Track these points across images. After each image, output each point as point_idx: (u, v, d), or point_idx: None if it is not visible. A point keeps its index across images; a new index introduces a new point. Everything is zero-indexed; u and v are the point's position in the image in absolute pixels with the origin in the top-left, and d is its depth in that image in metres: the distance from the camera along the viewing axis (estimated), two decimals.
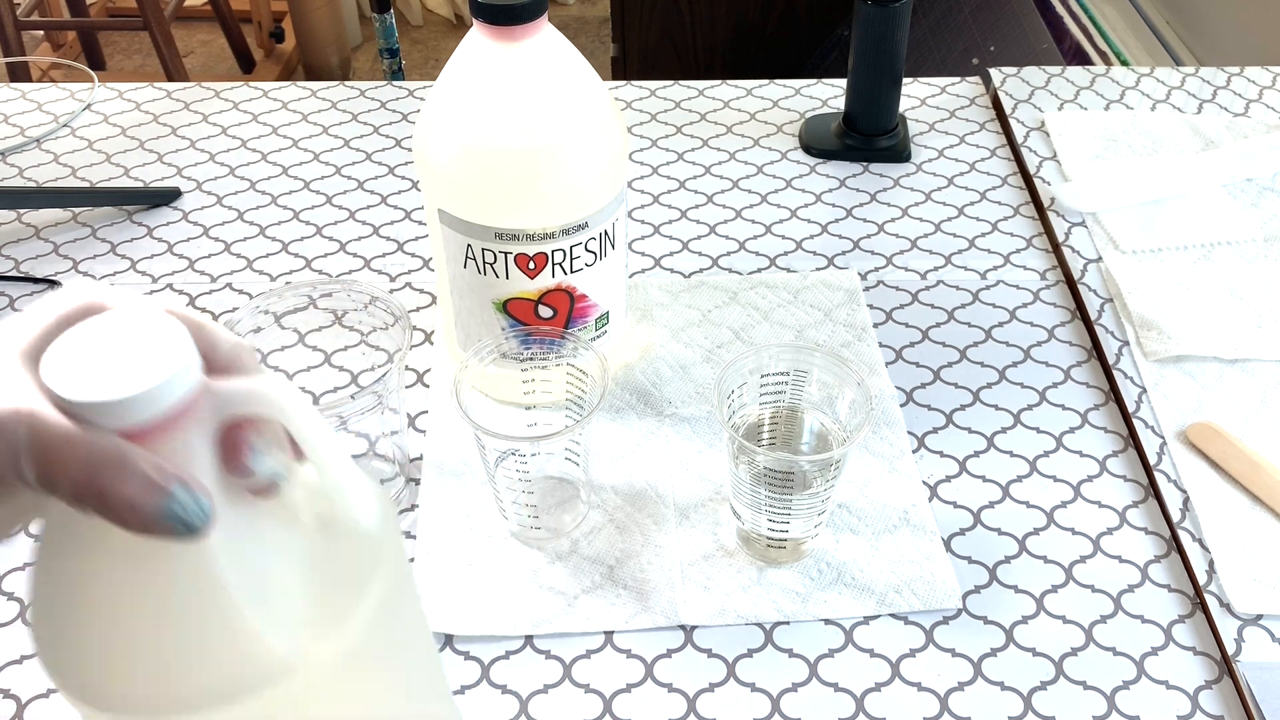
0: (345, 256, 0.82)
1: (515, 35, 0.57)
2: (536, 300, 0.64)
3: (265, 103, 0.97)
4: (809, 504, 0.58)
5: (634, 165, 0.90)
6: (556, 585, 0.60)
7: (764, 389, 0.60)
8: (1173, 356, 0.72)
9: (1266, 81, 0.98)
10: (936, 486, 0.65)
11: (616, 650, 0.57)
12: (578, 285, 0.64)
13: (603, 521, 0.63)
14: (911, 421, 0.69)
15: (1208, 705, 0.55)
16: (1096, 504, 0.64)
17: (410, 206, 0.86)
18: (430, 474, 0.65)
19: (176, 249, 0.82)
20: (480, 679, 0.56)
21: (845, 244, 0.82)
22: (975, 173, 0.89)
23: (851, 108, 0.90)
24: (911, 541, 0.62)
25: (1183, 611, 0.59)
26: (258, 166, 0.90)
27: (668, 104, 0.97)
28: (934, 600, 0.59)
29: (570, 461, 0.61)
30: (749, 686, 0.56)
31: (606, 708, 0.55)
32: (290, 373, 0.70)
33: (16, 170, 0.90)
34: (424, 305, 0.77)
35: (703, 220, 0.85)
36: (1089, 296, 0.77)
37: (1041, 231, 0.83)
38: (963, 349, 0.74)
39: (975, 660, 0.57)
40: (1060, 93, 0.96)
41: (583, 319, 0.66)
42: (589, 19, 2.89)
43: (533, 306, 0.64)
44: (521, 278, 0.63)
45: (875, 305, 0.77)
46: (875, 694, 0.55)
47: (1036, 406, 0.70)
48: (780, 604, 0.59)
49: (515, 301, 0.64)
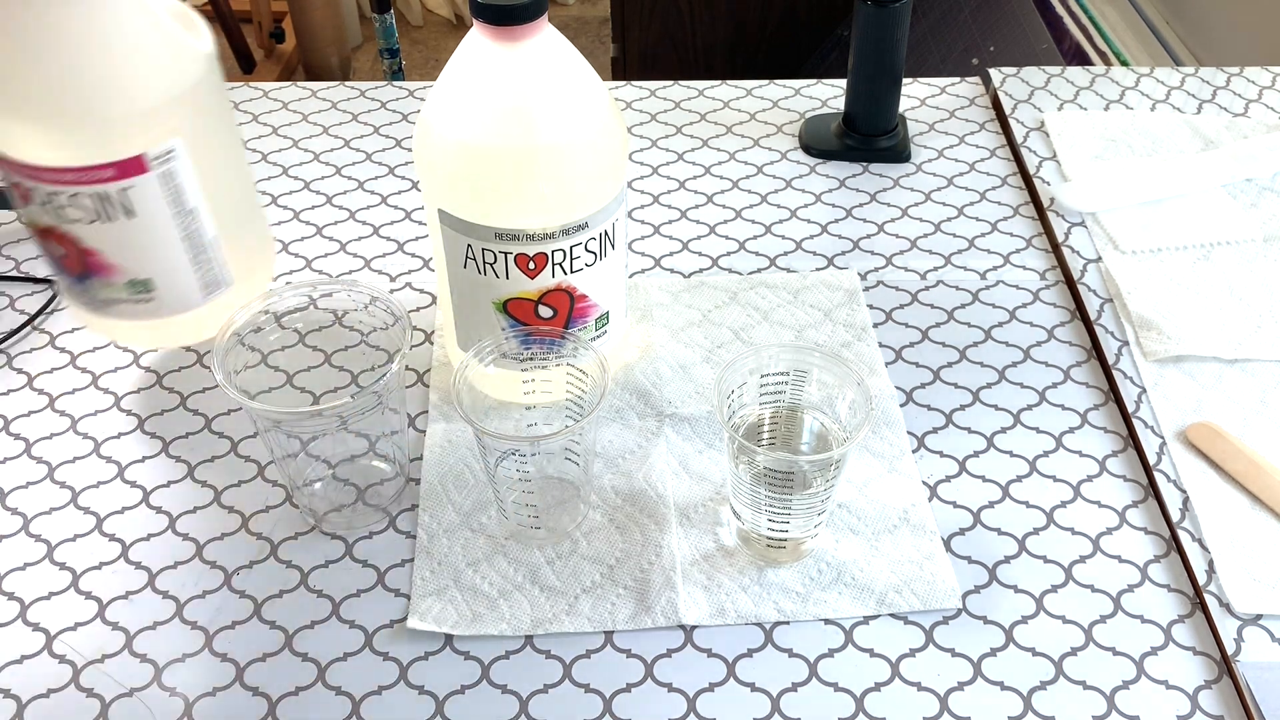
0: (345, 256, 0.82)
1: (515, 35, 0.57)
2: (537, 300, 0.64)
3: (265, 103, 0.97)
4: (809, 504, 0.58)
5: (634, 165, 0.90)
6: (556, 585, 0.60)
7: (764, 389, 0.60)
8: (1172, 356, 0.72)
9: (1266, 81, 0.98)
10: (936, 486, 0.65)
11: (616, 650, 0.57)
12: (578, 285, 0.64)
13: (603, 521, 0.63)
14: (911, 421, 0.69)
15: (1207, 705, 0.55)
16: (1096, 504, 0.64)
17: (410, 206, 0.86)
18: (430, 474, 0.65)
19: None
20: (480, 679, 0.56)
21: (845, 244, 0.82)
22: (975, 173, 0.89)
23: (851, 108, 0.90)
24: (911, 541, 0.62)
25: (1182, 611, 0.59)
26: (258, 167, 0.90)
27: (668, 104, 0.97)
28: (934, 600, 0.59)
29: (570, 461, 0.61)
30: (749, 686, 0.56)
31: (606, 708, 0.55)
32: (290, 373, 0.70)
33: None
34: (424, 305, 0.77)
35: (703, 220, 0.85)
36: (1089, 296, 0.77)
37: (1041, 231, 0.83)
38: (962, 349, 0.74)
39: (975, 660, 0.57)
40: (1060, 93, 0.96)
41: (583, 319, 0.66)
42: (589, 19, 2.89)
43: (533, 307, 0.64)
44: (521, 278, 0.63)
45: (875, 305, 0.77)
46: (875, 694, 0.55)
47: (1036, 406, 0.70)
48: (780, 604, 0.59)
49: (515, 301, 0.64)
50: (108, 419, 0.69)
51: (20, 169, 0.58)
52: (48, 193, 0.59)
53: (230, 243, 0.66)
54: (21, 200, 0.61)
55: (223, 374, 0.57)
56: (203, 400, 0.70)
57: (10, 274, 0.80)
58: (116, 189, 0.59)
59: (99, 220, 0.60)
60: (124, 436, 0.68)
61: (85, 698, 0.55)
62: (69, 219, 0.60)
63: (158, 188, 0.60)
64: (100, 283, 0.63)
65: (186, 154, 0.61)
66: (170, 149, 0.60)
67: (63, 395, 0.71)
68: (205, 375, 0.72)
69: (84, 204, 0.59)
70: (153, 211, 0.61)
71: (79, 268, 0.63)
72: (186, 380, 0.72)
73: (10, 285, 0.79)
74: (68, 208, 0.59)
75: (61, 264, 0.63)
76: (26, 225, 0.62)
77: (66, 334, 0.75)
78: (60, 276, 0.65)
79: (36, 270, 0.80)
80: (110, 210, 0.60)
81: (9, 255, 0.81)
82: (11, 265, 0.80)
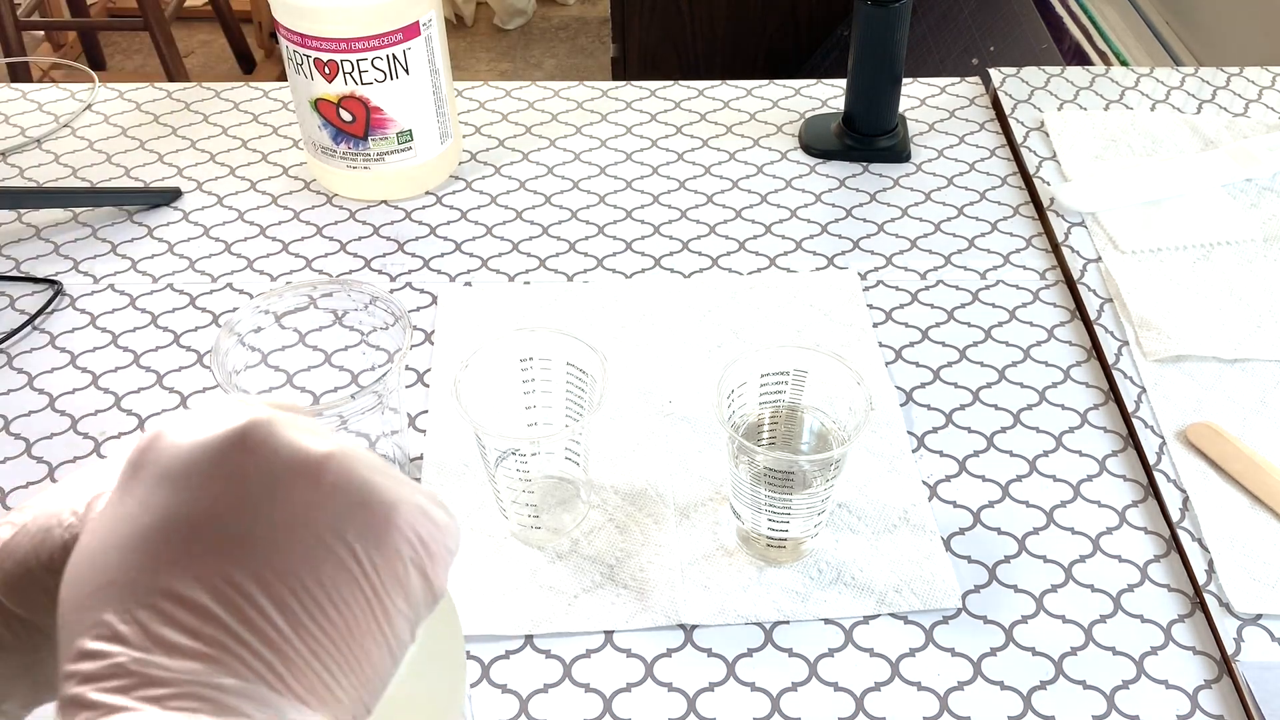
0: (345, 256, 0.82)
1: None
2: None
3: (265, 103, 0.97)
4: (809, 504, 0.58)
5: (634, 165, 0.90)
6: (556, 585, 0.60)
7: (764, 389, 0.60)
8: (1172, 356, 0.72)
9: (1266, 81, 0.98)
10: (936, 486, 0.65)
11: (616, 650, 0.57)
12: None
13: (603, 521, 0.63)
14: (911, 421, 0.69)
15: (1207, 705, 0.55)
16: (1096, 504, 0.64)
17: (411, 207, 0.86)
18: (430, 474, 0.65)
19: (177, 249, 0.82)
20: (480, 678, 0.56)
21: (845, 244, 0.82)
22: (975, 173, 0.89)
23: (851, 108, 0.90)
24: (911, 541, 0.62)
25: (1182, 611, 0.59)
26: (258, 167, 0.90)
27: (668, 104, 0.97)
28: (934, 600, 0.59)
29: (570, 461, 0.61)
30: (749, 686, 0.56)
31: (606, 707, 0.55)
32: (290, 373, 0.70)
33: (17, 170, 0.90)
34: (424, 305, 0.77)
35: (703, 220, 0.85)
36: (1088, 296, 0.77)
37: (1041, 231, 0.83)
38: (962, 349, 0.74)
39: (975, 660, 0.57)
40: (1060, 93, 0.96)
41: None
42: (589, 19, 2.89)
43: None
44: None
45: (875, 305, 0.77)
46: (875, 693, 0.55)
47: (1036, 406, 0.70)
48: (780, 603, 0.59)
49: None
50: (108, 418, 0.69)
51: (337, 43, 0.78)
52: (356, 60, 0.78)
53: (450, 106, 0.87)
54: (328, 77, 0.79)
55: (223, 374, 0.57)
56: (203, 400, 0.70)
57: (10, 274, 0.80)
58: (402, 49, 0.79)
59: (386, 80, 0.80)
60: (124, 436, 0.68)
61: None
62: (365, 82, 0.80)
63: (424, 48, 0.80)
64: (378, 137, 0.82)
65: (439, 21, 0.81)
66: (430, 17, 0.80)
67: (63, 395, 0.71)
68: (205, 375, 0.72)
69: (380, 65, 0.79)
70: (420, 69, 0.81)
71: (364, 128, 0.82)
72: (186, 380, 0.72)
73: (10, 285, 0.79)
74: (369, 70, 0.79)
75: (349, 131, 0.82)
76: (317, 105, 0.81)
77: (66, 334, 0.75)
78: (343, 143, 0.83)
79: (37, 270, 0.80)
80: (395, 69, 0.79)
81: (9, 255, 0.81)
82: (11, 265, 0.81)
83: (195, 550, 0.27)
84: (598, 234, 0.83)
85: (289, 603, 0.27)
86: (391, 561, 0.29)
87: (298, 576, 0.27)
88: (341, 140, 0.83)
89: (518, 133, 0.94)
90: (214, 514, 0.28)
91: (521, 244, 0.83)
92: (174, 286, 0.79)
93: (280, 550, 0.27)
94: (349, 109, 0.81)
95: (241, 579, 0.27)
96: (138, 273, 0.80)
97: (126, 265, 0.81)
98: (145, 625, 0.26)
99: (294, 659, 0.27)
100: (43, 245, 0.82)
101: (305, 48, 0.79)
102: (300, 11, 0.78)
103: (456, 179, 0.89)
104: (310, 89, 0.81)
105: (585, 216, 0.85)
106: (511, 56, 2.75)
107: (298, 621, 0.27)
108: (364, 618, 0.28)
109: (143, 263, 0.81)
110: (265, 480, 0.28)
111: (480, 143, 0.93)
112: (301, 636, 0.27)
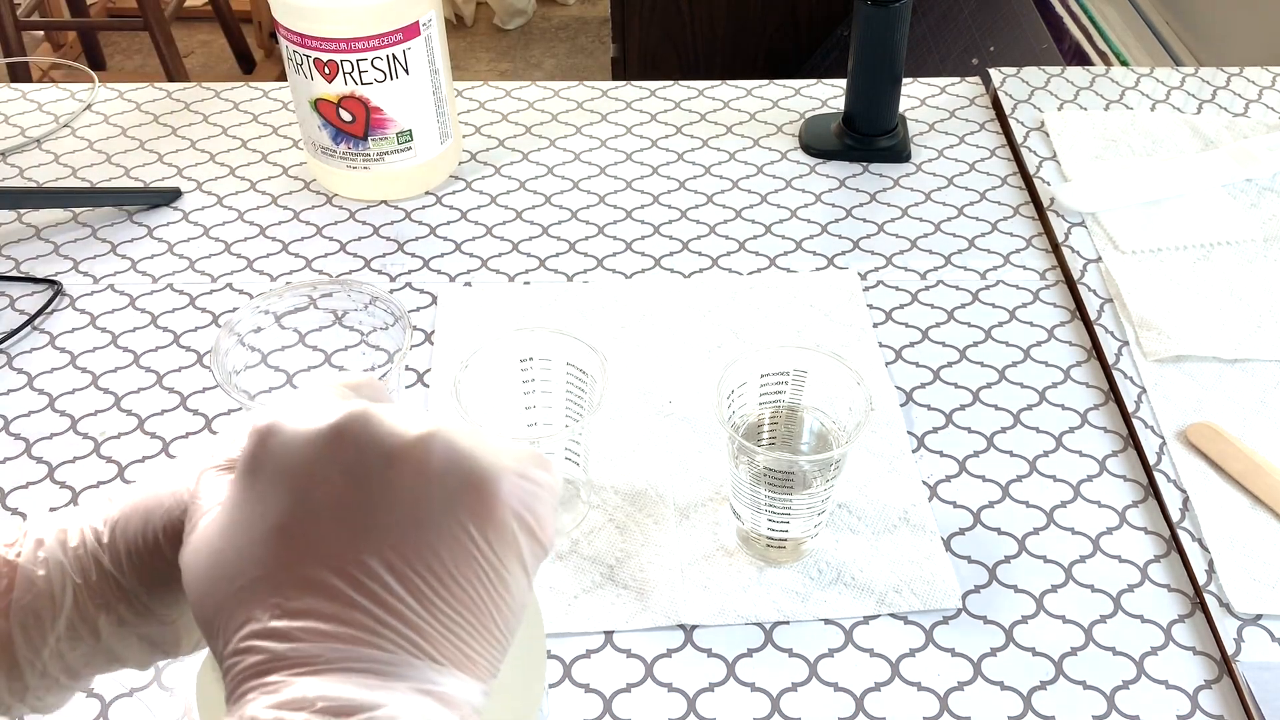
0: (345, 256, 0.82)
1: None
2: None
3: (265, 103, 0.97)
4: (809, 504, 0.58)
5: (634, 165, 0.90)
6: (556, 585, 0.60)
7: (764, 389, 0.60)
8: (1172, 356, 0.72)
9: (1266, 82, 0.98)
10: (936, 486, 0.65)
11: (616, 650, 0.57)
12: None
13: (603, 521, 0.63)
14: (911, 421, 0.69)
15: (1207, 705, 0.55)
16: (1096, 504, 0.64)
17: (411, 207, 0.86)
18: None
19: (177, 249, 0.82)
20: None
21: (845, 244, 0.82)
22: (975, 173, 0.89)
23: (851, 108, 0.90)
24: (911, 541, 0.62)
25: (1182, 611, 0.59)
26: (258, 167, 0.90)
27: (668, 104, 0.97)
28: (934, 600, 0.59)
29: (570, 461, 0.61)
30: (749, 686, 0.56)
31: (606, 707, 0.55)
32: (290, 373, 0.70)
33: (17, 170, 0.90)
34: (424, 305, 0.77)
35: (703, 220, 0.85)
36: (1089, 296, 0.77)
37: (1041, 231, 0.83)
38: (962, 349, 0.74)
39: (975, 660, 0.57)
40: (1060, 93, 0.96)
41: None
42: (589, 19, 2.89)
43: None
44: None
45: (875, 305, 0.77)
46: (875, 694, 0.55)
47: (1036, 406, 0.70)
48: (780, 604, 0.59)
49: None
50: (108, 418, 0.69)
51: (337, 44, 0.78)
52: (356, 60, 0.78)
53: (450, 106, 0.87)
54: (328, 77, 0.79)
55: (223, 374, 0.57)
56: (203, 400, 0.70)
57: (10, 274, 0.80)
58: (402, 49, 0.79)
59: (386, 79, 0.80)
60: (124, 436, 0.68)
61: (85, 697, 0.55)
62: (365, 82, 0.80)
63: (423, 48, 0.80)
64: (378, 137, 0.82)
65: (439, 21, 0.81)
66: (430, 17, 0.80)
67: (63, 395, 0.71)
68: (205, 375, 0.72)
69: (380, 65, 0.79)
70: (420, 69, 0.81)
71: (363, 128, 0.82)
72: (186, 380, 0.72)
73: (10, 285, 0.79)
74: (369, 70, 0.79)
75: (349, 131, 0.82)
76: (317, 105, 0.81)
77: (66, 334, 0.75)
78: (343, 143, 0.83)
79: (37, 270, 0.80)
80: (395, 69, 0.79)
81: (9, 255, 0.81)
82: (11, 265, 0.81)
83: (324, 541, 0.30)
84: (598, 234, 0.83)
85: (416, 583, 0.30)
86: (502, 532, 0.31)
87: (422, 558, 0.30)
88: (341, 140, 0.83)
89: (518, 133, 0.94)
90: (336, 506, 0.30)
91: (521, 244, 0.83)
92: (174, 287, 0.79)
93: (402, 535, 0.30)
94: (349, 109, 0.81)
95: (372, 563, 0.30)
96: (138, 273, 0.80)
97: (126, 265, 0.81)
98: (293, 615, 0.29)
99: (430, 632, 0.30)
100: (43, 245, 0.82)
101: (305, 48, 0.79)
102: (300, 11, 0.78)
103: (456, 179, 0.89)
104: (310, 89, 0.81)
105: (585, 217, 0.85)
106: (511, 56, 2.75)
107: (425, 599, 0.30)
108: (484, 587, 0.31)
109: (143, 263, 0.81)
110: (377, 468, 0.31)
111: (480, 143, 0.93)
112: (431, 611, 0.30)
